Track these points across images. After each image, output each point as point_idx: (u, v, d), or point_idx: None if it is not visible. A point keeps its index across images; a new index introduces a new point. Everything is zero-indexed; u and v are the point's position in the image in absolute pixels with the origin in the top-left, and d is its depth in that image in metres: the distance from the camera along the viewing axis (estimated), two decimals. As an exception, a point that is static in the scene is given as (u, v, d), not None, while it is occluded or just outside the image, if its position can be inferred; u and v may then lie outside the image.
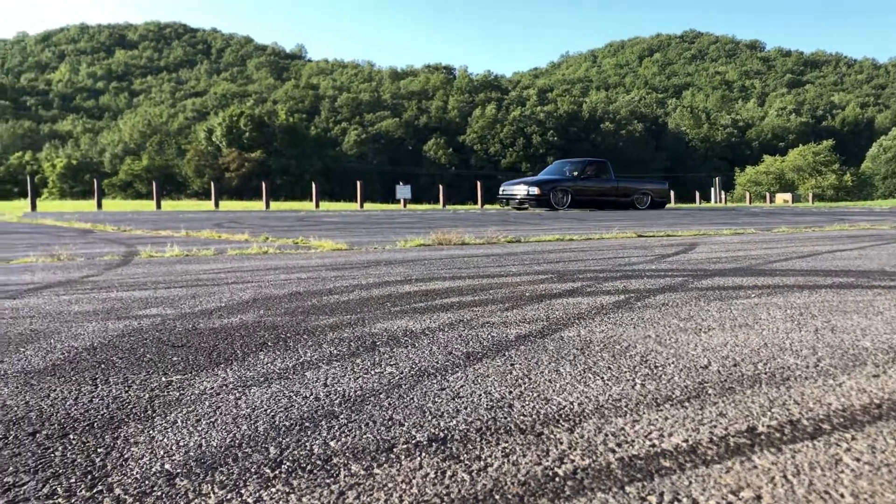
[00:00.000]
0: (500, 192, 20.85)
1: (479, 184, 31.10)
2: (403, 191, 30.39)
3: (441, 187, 32.60)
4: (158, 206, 24.66)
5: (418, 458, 1.12)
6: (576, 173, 20.24)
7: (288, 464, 1.10)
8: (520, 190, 19.67)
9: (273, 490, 1.01)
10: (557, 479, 1.05)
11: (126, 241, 6.48)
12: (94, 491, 1.00)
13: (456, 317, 2.38)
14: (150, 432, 1.25)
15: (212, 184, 30.29)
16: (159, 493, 0.99)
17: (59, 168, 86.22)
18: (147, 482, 1.03)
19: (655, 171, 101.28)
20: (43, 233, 8.04)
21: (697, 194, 47.21)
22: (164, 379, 1.60)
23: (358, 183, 29.96)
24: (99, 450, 1.16)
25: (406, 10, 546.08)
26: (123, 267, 4.14)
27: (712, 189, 54.32)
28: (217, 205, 26.84)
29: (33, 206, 22.02)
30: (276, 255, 4.85)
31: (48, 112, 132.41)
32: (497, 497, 0.99)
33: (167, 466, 1.09)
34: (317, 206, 28.89)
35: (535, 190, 19.28)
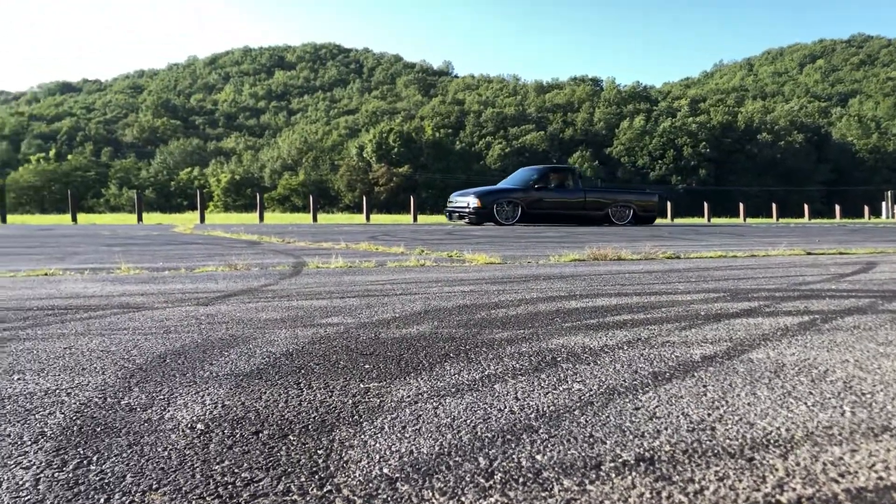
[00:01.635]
0: (448, 205, 18.14)
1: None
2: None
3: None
4: (314, 218, 25.86)
5: (629, 477, 1.11)
6: (531, 182, 17.38)
7: (500, 474, 1.12)
8: (463, 202, 17.13)
9: (491, 500, 1.03)
10: (781, 507, 1.01)
11: (292, 252, 6.83)
12: (325, 490, 1.06)
13: (632, 335, 2.34)
14: (362, 437, 1.31)
15: (363, 197, 31.42)
16: (384, 497, 1.04)
17: (223, 183, 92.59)
18: (371, 485, 1.08)
19: (817, 184, 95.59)
20: (215, 244, 8.62)
21: (866, 209, 44.06)
22: (361, 385, 1.67)
23: (503, 197, 30.09)
24: (319, 451, 1.23)
25: (553, 24, 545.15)
26: (295, 277, 4.37)
27: (883, 203, 50.52)
28: (368, 218, 27.81)
29: (202, 219, 23.71)
30: (434, 268, 4.95)
31: (214, 130, 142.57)
32: (720, 522, 0.96)
33: (385, 471, 1.14)
34: (463, 219, 29.26)
35: (475, 202, 16.59)
